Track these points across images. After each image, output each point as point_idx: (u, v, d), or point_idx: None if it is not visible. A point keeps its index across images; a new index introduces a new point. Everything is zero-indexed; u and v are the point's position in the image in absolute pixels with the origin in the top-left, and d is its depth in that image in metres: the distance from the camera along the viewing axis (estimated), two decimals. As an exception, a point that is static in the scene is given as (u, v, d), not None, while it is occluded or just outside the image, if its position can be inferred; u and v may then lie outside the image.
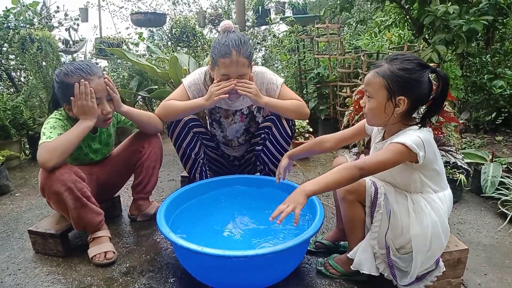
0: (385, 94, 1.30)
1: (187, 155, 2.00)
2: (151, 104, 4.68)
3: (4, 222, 2.12)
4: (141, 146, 1.97)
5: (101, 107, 1.68)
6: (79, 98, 1.60)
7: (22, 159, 3.36)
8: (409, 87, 1.27)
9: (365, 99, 1.39)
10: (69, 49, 5.39)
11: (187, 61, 3.26)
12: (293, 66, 4.20)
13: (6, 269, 1.65)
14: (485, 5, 2.71)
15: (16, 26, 3.95)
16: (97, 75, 1.67)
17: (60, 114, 1.72)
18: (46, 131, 1.59)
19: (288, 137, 1.95)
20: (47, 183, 1.53)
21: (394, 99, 1.29)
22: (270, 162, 2.02)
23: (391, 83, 1.28)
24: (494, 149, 3.03)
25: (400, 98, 1.28)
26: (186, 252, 1.36)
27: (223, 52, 1.71)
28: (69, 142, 1.56)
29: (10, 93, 4.02)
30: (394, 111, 1.31)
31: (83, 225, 1.68)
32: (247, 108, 2.03)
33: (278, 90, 1.93)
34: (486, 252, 1.76)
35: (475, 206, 2.25)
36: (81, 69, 1.63)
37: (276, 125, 1.92)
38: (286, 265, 1.45)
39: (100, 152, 1.92)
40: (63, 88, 1.63)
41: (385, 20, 4.15)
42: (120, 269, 1.62)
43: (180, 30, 5.60)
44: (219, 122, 2.07)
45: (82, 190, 1.61)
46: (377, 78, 1.31)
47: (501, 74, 3.41)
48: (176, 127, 1.95)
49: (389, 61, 1.31)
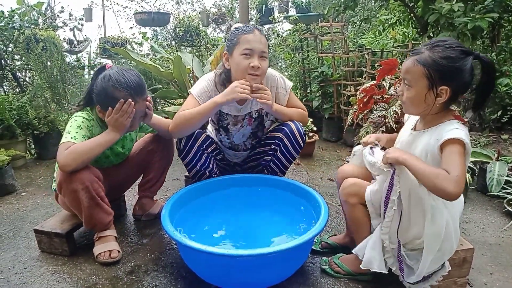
0: (425, 84, 1.24)
1: (201, 173, 1.93)
2: (155, 103, 4.70)
3: (10, 221, 2.14)
4: (155, 148, 1.99)
5: (131, 123, 1.69)
6: (117, 113, 1.60)
7: (27, 159, 3.38)
8: (451, 77, 1.21)
9: (402, 87, 1.34)
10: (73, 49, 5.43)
11: (190, 61, 3.26)
12: (297, 64, 4.19)
13: (12, 268, 1.66)
14: (490, 3, 2.68)
15: (21, 26, 3.98)
16: (143, 97, 1.68)
17: (87, 114, 1.71)
18: (72, 129, 1.59)
19: (300, 147, 1.93)
20: (66, 180, 1.55)
21: (435, 88, 1.23)
22: (279, 171, 2.01)
23: (433, 72, 1.21)
24: (500, 148, 3.00)
25: (442, 88, 1.22)
26: (191, 251, 1.36)
27: (246, 30, 1.72)
28: (93, 151, 1.57)
29: (15, 93, 4.04)
30: (435, 101, 1.25)
31: (93, 224, 1.69)
32: (256, 111, 1.97)
33: (287, 95, 1.93)
34: (492, 251, 1.75)
35: (480, 205, 2.23)
36: (131, 87, 1.62)
37: (289, 137, 1.87)
38: (290, 264, 1.45)
39: (121, 156, 1.93)
40: (107, 96, 1.62)
41: (389, 18, 4.12)
42: (125, 268, 1.63)
43: (183, 30, 5.63)
44: (226, 129, 1.99)
45: (98, 190, 1.62)
46: (417, 67, 1.24)
47: (506, 72, 3.38)
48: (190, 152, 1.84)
49: (430, 48, 1.24)
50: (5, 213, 2.26)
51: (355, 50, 3.73)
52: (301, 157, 3.22)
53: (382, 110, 1.98)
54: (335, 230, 1.94)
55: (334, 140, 3.67)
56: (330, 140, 3.70)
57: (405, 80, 1.31)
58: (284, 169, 2.01)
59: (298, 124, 1.90)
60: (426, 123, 1.34)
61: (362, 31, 5.29)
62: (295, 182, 1.86)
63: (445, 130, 1.23)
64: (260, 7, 5.94)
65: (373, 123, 2.08)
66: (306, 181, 2.69)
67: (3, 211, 2.28)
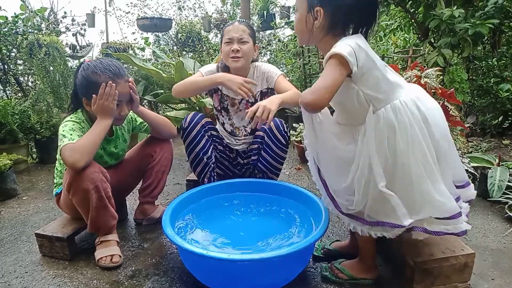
0: (305, 6, 1.25)
1: (199, 158, 2.05)
2: (156, 108, 4.71)
3: (12, 225, 2.14)
4: (153, 151, 2.00)
5: (119, 108, 1.71)
6: (102, 98, 1.62)
7: (29, 163, 3.39)
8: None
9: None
10: (76, 54, 5.45)
11: (192, 66, 3.28)
12: (298, 70, 4.21)
13: (13, 272, 1.66)
14: (491, 9, 2.70)
15: (25, 32, 4.01)
16: (124, 79, 1.70)
17: (76, 117, 1.74)
18: (66, 133, 1.60)
19: (283, 145, 2.01)
20: (76, 180, 1.55)
21: (312, 11, 1.22)
22: (268, 170, 2.07)
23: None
24: (501, 153, 3.00)
25: (317, 10, 1.21)
26: (191, 255, 1.36)
27: (229, 24, 2.04)
28: (94, 140, 1.59)
29: (18, 97, 4.07)
30: (313, 24, 1.23)
31: (98, 226, 1.69)
32: (252, 96, 2.08)
33: (276, 77, 2.05)
34: (494, 256, 1.74)
35: (482, 210, 2.23)
36: (110, 70, 1.65)
37: (268, 135, 1.99)
38: (291, 269, 1.45)
39: (114, 156, 1.94)
40: (88, 84, 1.65)
41: (390, 24, 4.15)
42: (125, 273, 1.63)
43: (185, 35, 5.65)
44: (226, 109, 2.18)
45: (106, 190, 1.63)
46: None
47: (507, 78, 3.39)
48: (193, 130, 2.03)
49: None
50: (6, 217, 2.26)
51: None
52: (302, 162, 3.22)
53: (383, 115, 1.98)
54: (336, 235, 1.93)
55: (335, 145, 3.67)
56: (331, 145, 3.69)
57: (296, 6, 1.32)
58: (273, 168, 2.06)
59: (278, 121, 1.99)
60: (323, 53, 1.31)
61: (363, 36, 5.31)
62: (296, 187, 1.86)
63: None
64: (262, 13, 5.97)
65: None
66: (307, 186, 2.69)
67: (4, 215, 2.29)
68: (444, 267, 1.39)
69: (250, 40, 2.02)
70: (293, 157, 3.32)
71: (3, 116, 3.03)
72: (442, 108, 1.90)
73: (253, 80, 1.96)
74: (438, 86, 1.90)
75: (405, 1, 3.28)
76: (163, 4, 7.58)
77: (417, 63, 2.06)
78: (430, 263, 1.38)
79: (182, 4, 6.91)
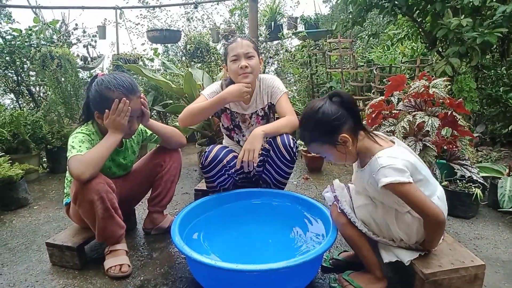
0: (330, 145, 1.41)
1: (216, 190, 2.02)
2: (165, 118, 4.76)
3: (23, 234, 2.17)
4: (162, 160, 2.02)
5: (130, 123, 1.74)
6: (114, 113, 1.65)
7: (40, 173, 3.44)
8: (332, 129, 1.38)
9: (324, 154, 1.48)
10: (87, 66, 5.55)
11: (201, 76, 3.31)
12: (306, 79, 4.23)
13: (24, 281, 1.68)
14: (499, 18, 2.69)
15: (38, 44, 4.10)
16: (136, 95, 1.73)
17: (87, 129, 1.77)
18: (75, 145, 1.63)
19: (288, 161, 1.97)
20: (81, 191, 1.57)
21: (337, 142, 1.38)
22: (271, 183, 2.07)
23: (321, 137, 1.41)
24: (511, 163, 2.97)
25: (341, 137, 1.37)
26: (200, 265, 1.37)
27: (232, 41, 2.02)
28: (101, 154, 1.62)
29: (30, 108, 4.14)
30: (346, 148, 1.39)
31: (106, 237, 1.71)
32: (262, 109, 2.11)
33: (280, 95, 2.05)
34: (505, 268, 1.72)
35: (492, 221, 2.20)
36: (123, 86, 1.67)
37: (274, 150, 1.97)
38: (299, 279, 1.44)
39: (123, 167, 1.96)
40: (101, 99, 1.68)
41: (397, 33, 4.16)
42: (134, 282, 1.64)
43: (194, 46, 5.72)
44: (239, 126, 2.16)
45: (112, 201, 1.66)
46: (315, 147, 1.46)
47: (516, 87, 3.36)
48: (213, 170, 1.94)
49: (303, 127, 1.45)
50: (18, 226, 2.30)
51: (364, 65, 3.75)
52: (310, 172, 3.22)
53: (390, 125, 1.98)
54: (344, 246, 1.92)
55: (343, 155, 3.66)
56: (339, 154, 3.69)
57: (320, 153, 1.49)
58: (277, 182, 2.05)
59: (286, 137, 1.96)
60: (361, 162, 1.48)
61: (370, 45, 5.32)
62: (305, 197, 1.86)
63: (374, 174, 1.33)
64: (269, 23, 6.02)
65: (381, 138, 2.08)
66: (315, 195, 2.69)
67: (16, 224, 2.32)
68: (454, 279, 1.38)
69: (256, 54, 2.01)
70: (301, 167, 3.32)
71: (16, 127, 3.09)
72: (450, 118, 1.91)
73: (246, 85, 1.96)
74: (447, 96, 1.89)
75: (412, 10, 3.28)
76: (172, 16, 7.67)
77: (425, 73, 2.06)
78: (439, 275, 1.36)
79: (191, 15, 7.02)
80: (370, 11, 3.51)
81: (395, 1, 3.09)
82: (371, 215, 1.46)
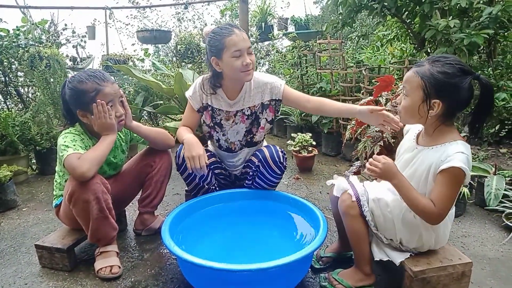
0: (421, 95, 1.30)
1: (200, 186, 2.00)
2: (156, 119, 4.74)
3: (12, 237, 2.15)
4: (152, 161, 2.02)
5: (114, 109, 1.73)
6: (98, 117, 1.66)
7: (29, 174, 3.40)
8: (446, 92, 1.26)
9: (401, 96, 1.40)
10: (76, 66, 5.50)
11: (191, 77, 3.32)
12: (296, 80, 4.24)
13: (13, 284, 1.67)
14: (485, 19, 2.74)
15: (26, 44, 4.05)
16: (110, 81, 1.73)
17: (74, 129, 1.76)
18: (69, 144, 1.62)
19: (277, 174, 1.96)
20: (78, 190, 1.56)
21: (429, 101, 1.28)
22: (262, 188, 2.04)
23: (428, 84, 1.27)
24: (499, 162, 3.02)
25: (435, 102, 1.28)
26: (191, 265, 1.37)
27: (227, 32, 1.76)
28: (103, 152, 1.64)
29: (18, 109, 4.09)
30: (428, 114, 1.30)
31: (99, 237, 1.70)
32: (249, 108, 1.98)
33: (282, 87, 1.95)
34: (491, 265, 1.75)
35: (479, 219, 2.24)
36: (94, 76, 1.69)
37: (263, 165, 1.92)
38: (290, 278, 1.46)
39: (113, 166, 1.96)
40: (77, 94, 1.68)
41: (387, 34, 4.20)
42: (125, 284, 1.63)
43: (185, 47, 5.70)
44: (220, 124, 2.02)
45: (107, 202, 1.65)
46: (416, 78, 1.31)
47: (503, 87, 3.42)
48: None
49: (431, 62, 1.30)
50: (6, 228, 2.27)
51: (353, 66, 3.78)
52: (300, 172, 3.24)
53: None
54: (329, 243, 1.93)
55: (333, 155, 3.69)
56: (329, 154, 3.72)
57: (404, 89, 1.37)
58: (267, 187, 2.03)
59: (274, 151, 1.93)
60: (431, 140, 1.38)
61: (360, 46, 5.36)
62: (295, 197, 1.88)
63: (451, 152, 1.27)
64: (260, 24, 6.03)
65: (371, 138, 2.11)
66: (305, 195, 2.70)
67: (4, 227, 2.30)
68: (442, 276, 1.40)
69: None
70: (291, 167, 3.33)
71: (4, 128, 3.05)
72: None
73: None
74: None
75: (401, 11, 3.32)
76: (162, 16, 7.62)
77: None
78: (428, 272, 1.39)
79: (181, 15, 6.99)
80: (359, 12, 3.54)
81: (384, 3, 3.12)
82: (382, 211, 1.43)
